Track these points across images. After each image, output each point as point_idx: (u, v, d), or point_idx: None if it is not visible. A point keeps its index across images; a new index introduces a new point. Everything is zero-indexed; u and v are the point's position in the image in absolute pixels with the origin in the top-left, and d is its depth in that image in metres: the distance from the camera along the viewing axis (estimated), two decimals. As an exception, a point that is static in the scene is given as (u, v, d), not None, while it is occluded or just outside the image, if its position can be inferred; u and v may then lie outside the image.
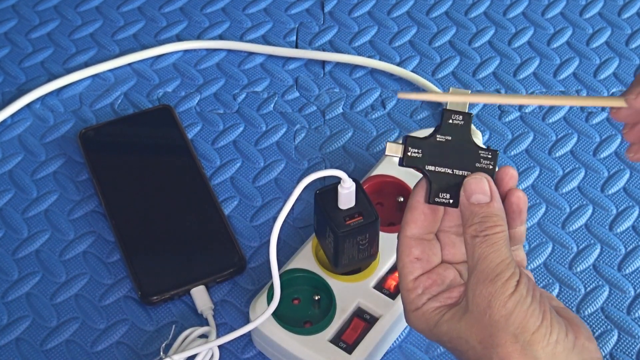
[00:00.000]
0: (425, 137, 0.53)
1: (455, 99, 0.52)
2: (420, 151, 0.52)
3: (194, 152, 0.76)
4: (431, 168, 0.52)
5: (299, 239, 0.71)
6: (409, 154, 0.52)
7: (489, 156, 0.52)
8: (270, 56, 0.84)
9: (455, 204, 0.52)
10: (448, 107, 0.52)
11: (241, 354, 0.66)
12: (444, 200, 0.52)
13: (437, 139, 0.52)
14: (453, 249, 0.55)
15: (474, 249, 0.50)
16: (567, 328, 0.50)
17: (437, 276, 0.53)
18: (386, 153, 0.52)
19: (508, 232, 0.51)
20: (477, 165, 0.52)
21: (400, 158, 0.53)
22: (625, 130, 0.53)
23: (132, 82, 0.81)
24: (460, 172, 0.52)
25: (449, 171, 0.52)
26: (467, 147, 0.52)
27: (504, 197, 0.53)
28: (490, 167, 0.52)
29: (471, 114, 0.52)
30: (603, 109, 0.80)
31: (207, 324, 0.66)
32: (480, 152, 0.52)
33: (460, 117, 0.52)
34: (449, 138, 0.52)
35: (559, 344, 0.49)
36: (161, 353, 0.63)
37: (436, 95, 0.51)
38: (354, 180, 0.61)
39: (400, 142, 0.52)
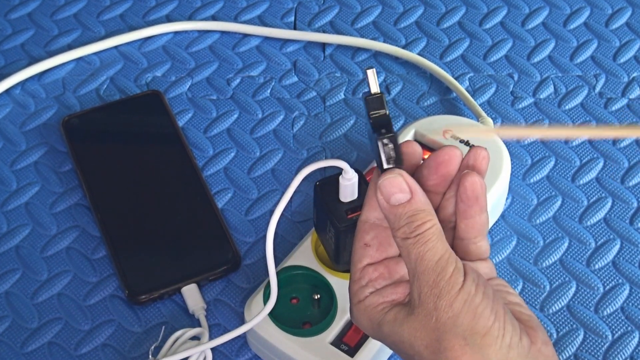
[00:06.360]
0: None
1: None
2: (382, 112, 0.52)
3: (185, 141, 0.75)
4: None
5: (297, 234, 0.71)
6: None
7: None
8: (266, 38, 0.83)
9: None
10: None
11: (235, 357, 0.66)
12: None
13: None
14: None
15: (409, 251, 0.50)
16: (521, 331, 0.49)
17: (384, 269, 0.53)
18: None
19: (440, 224, 0.50)
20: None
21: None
22: None
23: (119, 66, 0.81)
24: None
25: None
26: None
27: (458, 182, 0.51)
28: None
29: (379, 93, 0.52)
30: (623, 94, 0.79)
31: (199, 325, 0.66)
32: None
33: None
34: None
35: (512, 348, 0.48)
36: (150, 356, 0.64)
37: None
38: (356, 171, 0.61)
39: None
